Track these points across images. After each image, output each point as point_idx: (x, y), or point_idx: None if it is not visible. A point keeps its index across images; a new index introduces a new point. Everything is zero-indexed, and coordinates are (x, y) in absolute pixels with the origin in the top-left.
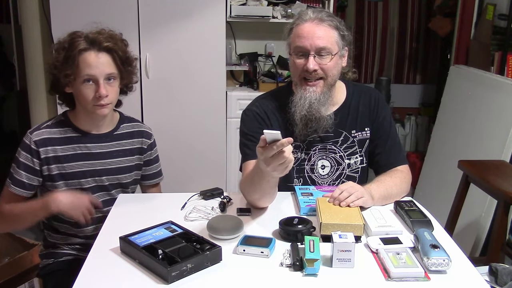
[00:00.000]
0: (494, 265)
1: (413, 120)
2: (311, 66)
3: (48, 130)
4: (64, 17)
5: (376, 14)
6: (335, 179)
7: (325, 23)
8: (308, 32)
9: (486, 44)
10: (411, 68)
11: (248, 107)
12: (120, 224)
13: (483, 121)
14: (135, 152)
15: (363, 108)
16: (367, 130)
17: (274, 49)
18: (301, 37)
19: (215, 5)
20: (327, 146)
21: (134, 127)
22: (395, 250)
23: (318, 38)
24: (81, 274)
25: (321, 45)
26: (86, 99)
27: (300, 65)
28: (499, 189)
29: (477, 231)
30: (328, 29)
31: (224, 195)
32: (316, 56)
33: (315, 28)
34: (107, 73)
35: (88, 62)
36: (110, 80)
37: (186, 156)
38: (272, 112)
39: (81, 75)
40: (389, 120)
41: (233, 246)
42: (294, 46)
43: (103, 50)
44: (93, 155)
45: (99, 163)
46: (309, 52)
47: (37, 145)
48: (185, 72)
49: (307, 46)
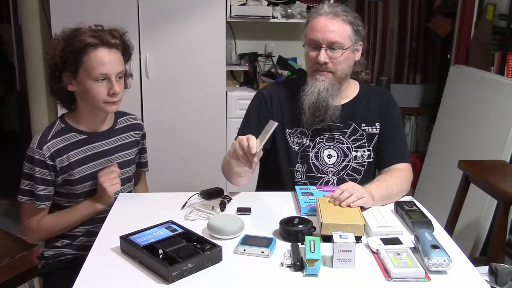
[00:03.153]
0: (494, 265)
1: (413, 120)
2: (322, 59)
3: (55, 140)
4: (64, 17)
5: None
6: (340, 169)
7: (339, 17)
8: (321, 26)
9: (486, 44)
10: (411, 68)
11: (260, 89)
12: (121, 224)
13: (483, 121)
14: (134, 145)
15: (374, 105)
16: (377, 125)
17: (274, 49)
18: (314, 30)
19: (215, 5)
20: (335, 136)
21: (128, 120)
22: (395, 250)
23: (331, 32)
24: (82, 273)
25: (333, 39)
26: (97, 96)
27: (312, 57)
28: (499, 189)
29: (477, 231)
30: (341, 24)
31: (224, 194)
32: (327, 49)
33: (328, 22)
34: (119, 71)
35: (101, 60)
36: (120, 76)
37: (186, 156)
38: (279, 99)
39: (93, 74)
40: (398, 120)
41: (233, 246)
42: (308, 38)
43: (113, 47)
44: (101, 154)
45: (108, 160)
46: (321, 45)
47: (52, 158)
48: (185, 72)
49: (320, 39)
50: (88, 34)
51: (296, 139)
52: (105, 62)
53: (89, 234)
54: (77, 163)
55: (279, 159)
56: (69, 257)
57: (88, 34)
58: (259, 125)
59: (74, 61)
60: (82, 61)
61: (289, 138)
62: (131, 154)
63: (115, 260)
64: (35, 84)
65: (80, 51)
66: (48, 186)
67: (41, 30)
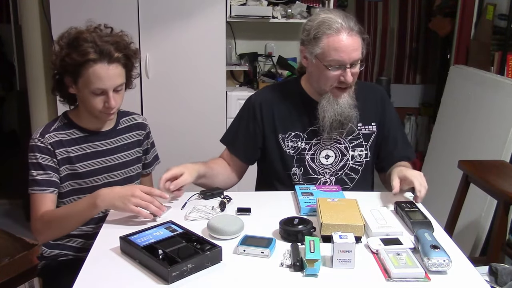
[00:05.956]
0: (494, 265)
1: (413, 120)
2: (350, 79)
3: (57, 133)
4: (64, 17)
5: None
6: (338, 169)
7: (354, 31)
8: (346, 47)
9: (486, 44)
10: (411, 68)
11: (251, 95)
12: (120, 224)
13: (483, 121)
14: (136, 145)
15: (370, 104)
16: (374, 125)
17: (274, 49)
18: (339, 51)
19: (215, 5)
20: (332, 136)
21: (131, 120)
22: (395, 250)
23: (355, 51)
24: (81, 274)
25: (357, 57)
26: (94, 107)
27: (336, 77)
28: (499, 189)
29: (477, 231)
30: (358, 39)
31: (224, 194)
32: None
33: (350, 40)
34: (117, 85)
35: (98, 75)
36: (118, 89)
37: (186, 156)
38: (270, 105)
39: (90, 87)
40: (396, 115)
41: (233, 246)
42: (330, 59)
43: (114, 62)
44: (101, 153)
45: (108, 160)
46: (346, 66)
47: (53, 147)
48: (185, 72)
49: (346, 60)
50: (91, 45)
51: (290, 143)
52: (104, 78)
53: (89, 236)
54: (77, 159)
55: (274, 165)
56: (69, 258)
57: (90, 45)
58: (247, 136)
59: (74, 72)
60: (82, 73)
61: (283, 143)
62: (133, 155)
63: (115, 260)
64: (35, 84)
65: (80, 64)
66: (52, 171)
67: (41, 30)
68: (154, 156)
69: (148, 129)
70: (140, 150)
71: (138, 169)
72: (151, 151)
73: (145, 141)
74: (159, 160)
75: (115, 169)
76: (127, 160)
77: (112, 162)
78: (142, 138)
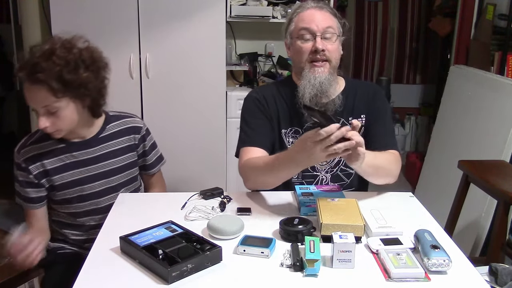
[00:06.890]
0: (494, 265)
1: (413, 120)
2: (320, 46)
3: (34, 146)
4: (64, 17)
5: (376, 14)
6: (333, 166)
7: (325, 9)
8: (312, 15)
9: (486, 44)
10: (411, 68)
11: (249, 93)
12: (120, 224)
13: (483, 121)
14: (126, 151)
15: (360, 98)
16: (363, 117)
17: (274, 49)
18: (305, 20)
19: (215, 5)
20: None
21: (122, 124)
22: (395, 250)
23: (323, 19)
24: (81, 273)
25: (327, 24)
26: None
27: (307, 48)
28: (499, 189)
29: (477, 231)
30: (329, 14)
31: (224, 194)
32: (322, 38)
33: (319, 13)
34: (44, 105)
35: (26, 95)
36: (53, 110)
37: (186, 156)
38: (272, 99)
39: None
40: (385, 109)
41: (233, 246)
42: (299, 28)
43: (34, 83)
44: (81, 163)
45: (89, 169)
46: (316, 34)
47: (26, 163)
48: (185, 72)
49: (314, 27)
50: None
51: (291, 139)
52: (28, 97)
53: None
54: (55, 170)
55: None
56: (68, 251)
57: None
58: (265, 125)
59: None
60: None
61: (285, 138)
62: (123, 161)
63: (115, 260)
64: None
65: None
66: (32, 188)
67: (41, 30)
68: (157, 157)
69: (144, 131)
70: (134, 154)
71: (132, 174)
72: (152, 153)
73: (141, 144)
74: (164, 160)
75: (97, 179)
76: (114, 167)
77: (93, 172)
78: (137, 142)
